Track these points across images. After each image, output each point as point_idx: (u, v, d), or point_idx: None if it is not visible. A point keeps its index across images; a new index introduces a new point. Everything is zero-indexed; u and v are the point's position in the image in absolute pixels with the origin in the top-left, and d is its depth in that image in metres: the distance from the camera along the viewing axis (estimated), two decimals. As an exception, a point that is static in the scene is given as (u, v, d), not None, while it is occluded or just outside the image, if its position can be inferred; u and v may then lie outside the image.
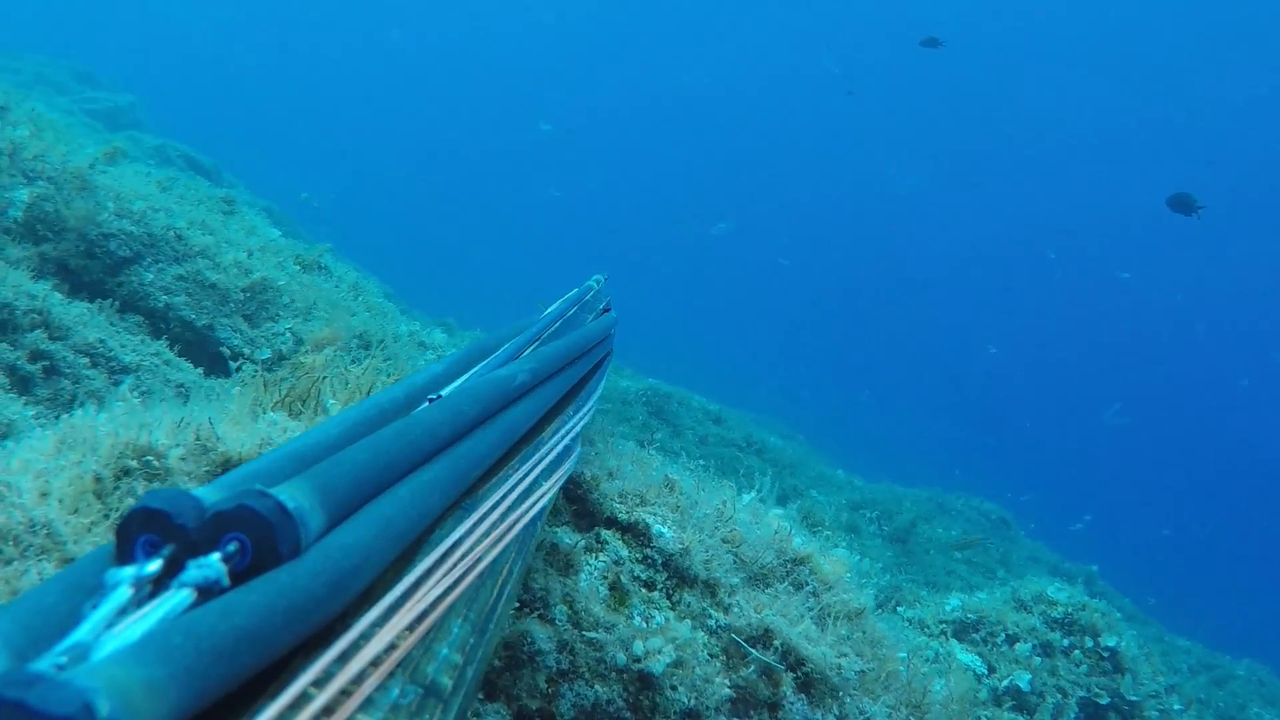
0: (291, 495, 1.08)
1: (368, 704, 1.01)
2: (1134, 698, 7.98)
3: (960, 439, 51.06)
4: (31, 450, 2.05)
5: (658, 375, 16.18)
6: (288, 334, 6.77)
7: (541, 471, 1.96)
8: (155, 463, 2.09)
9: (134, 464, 2.07)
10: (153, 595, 0.95)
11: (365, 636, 1.08)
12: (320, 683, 0.97)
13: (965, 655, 7.65)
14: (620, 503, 2.90)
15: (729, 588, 2.89)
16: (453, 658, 1.22)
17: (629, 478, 3.00)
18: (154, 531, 1.00)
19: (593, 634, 2.51)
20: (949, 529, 14.42)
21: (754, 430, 15.16)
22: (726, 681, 2.67)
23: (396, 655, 1.09)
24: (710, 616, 2.80)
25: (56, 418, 4.99)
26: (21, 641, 0.86)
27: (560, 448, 2.18)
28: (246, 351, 6.38)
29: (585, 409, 2.67)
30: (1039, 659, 7.90)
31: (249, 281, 6.77)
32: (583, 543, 2.74)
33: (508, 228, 70.98)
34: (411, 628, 1.16)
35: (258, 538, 1.02)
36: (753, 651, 2.76)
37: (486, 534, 1.50)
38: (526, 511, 1.71)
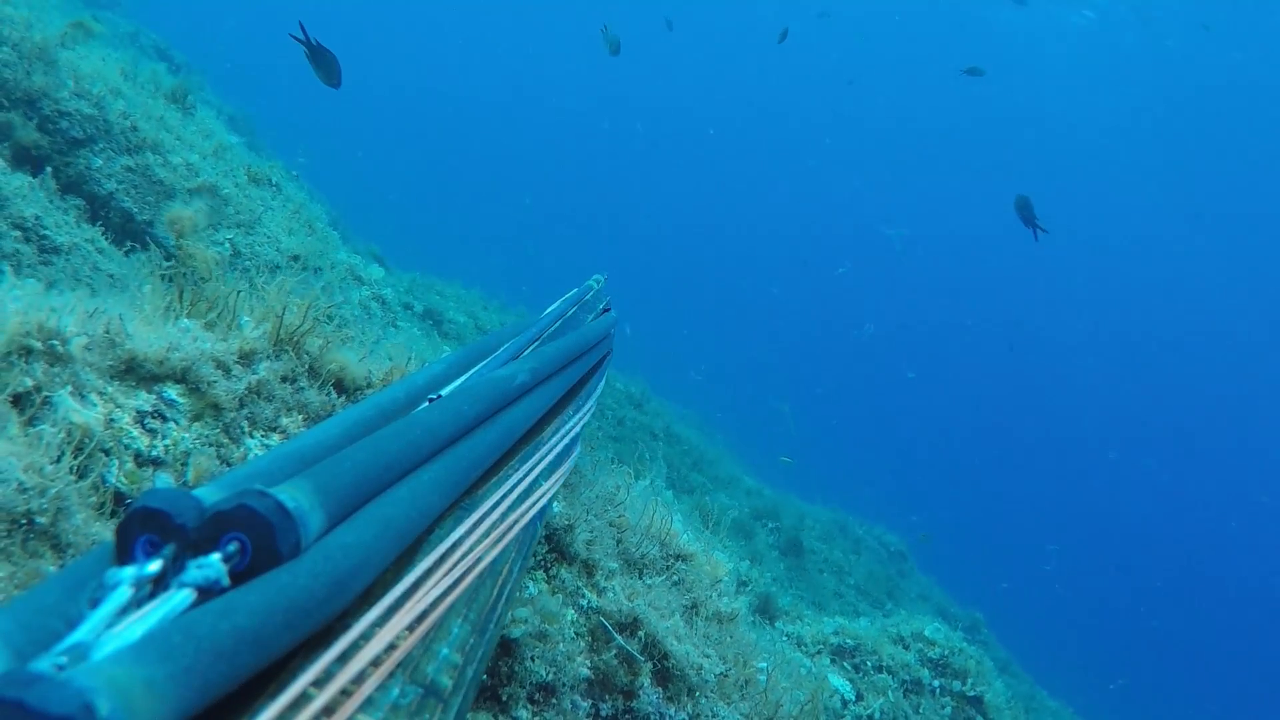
0: (291, 495, 1.07)
1: (368, 704, 1.01)
2: (991, 746, 8.12)
3: (873, 460, 51.52)
4: None
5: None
6: (226, 244, 6.74)
7: (541, 471, 1.96)
8: (59, 347, 2.10)
9: (38, 345, 2.07)
10: (153, 595, 0.95)
11: (365, 636, 1.08)
12: (320, 682, 0.97)
13: (836, 679, 7.75)
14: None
15: (607, 571, 2.94)
16: (453, 658, 1.22)
17: None
18: (154, 531, 0.99)
19: None
20: (847, 553, 14.57)
21: (673, 422, 15.27)
22: (587, 662, 2.72)
23: (396, 655, 1.10)
24: (583, 596, 2.85)
25: None
26: (21, 641, 0.86)
27: (560, 447, 2.18)
28: (179, 254, 6.36)
29: (585, 409, 2.67)
30: (907, 695, 8.00)
31: (196, 184, 6.73)
32: None
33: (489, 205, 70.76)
34: (411, 628, 1.16)
35: (258, 538, 1.02)
36: (617, 637, 2.81)
37: (486, 534, 1.50)
38: (526, 511, 1.71)
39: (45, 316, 2.09)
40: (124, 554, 0.99)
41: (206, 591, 0.96)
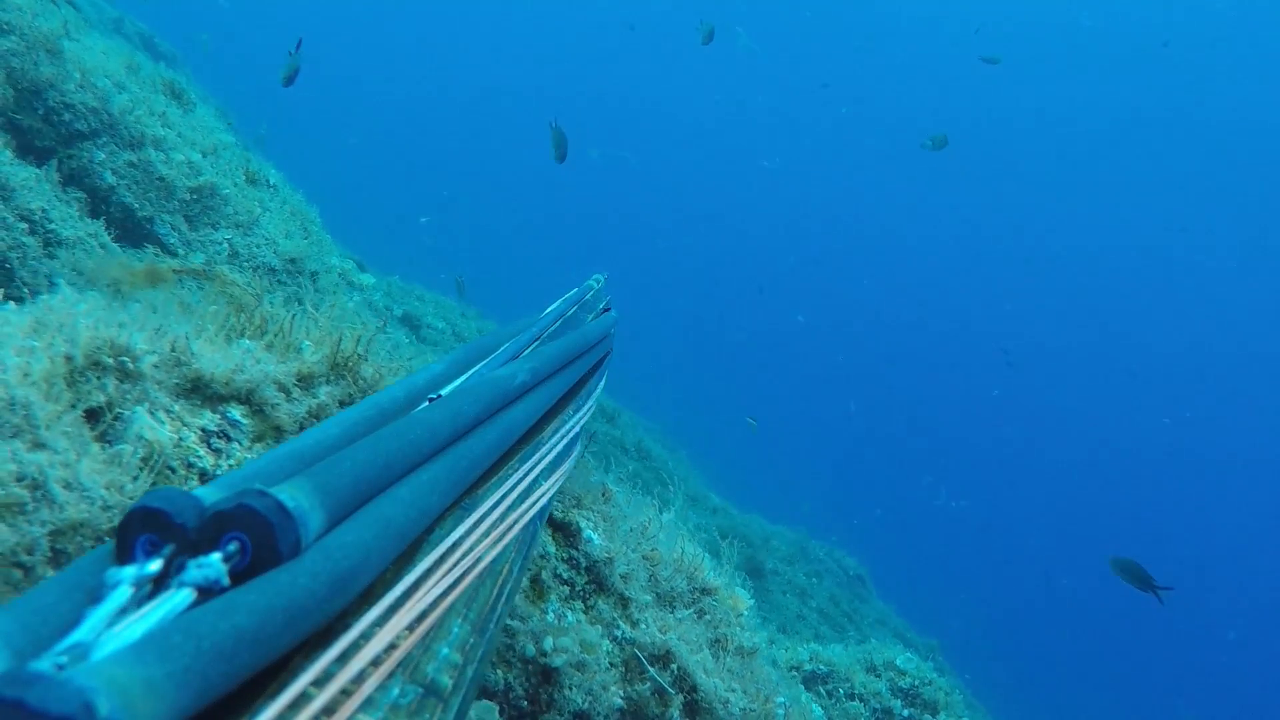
0: (291, 495, 1.08)
1: (368, 704, 1.01)
2: (956, 777, 8.17)
3: (828, 484, 51.56)
4: (7, 324, 2.01)
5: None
6: (225, 244, 6.76)
7: (541, 471, 1.97)
8: (130, 364, 2.08)
9: (109, 360, 2.05)
10: (153, 595, 0.95)
11: (365, 636, 1.08)
12: (320, 682, 0.97)
13: (809, 701, 7.75)
14: (557, 500, 2.93)
15: (640, 604, 2.96)
16: (453, 657, 1.22)
17: (571, 479, 3.00)
18: (154, 531, 1.00)
19: (507, 621, 2.55)
20: (809, 576, 14.61)
21: (644, 437, 15.34)
22: (620, 692, 2.74)
23: (396, 655, 1.10)
24: (618, 627, 2.86)
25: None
26: (21, 641, 0.86)
27: (560, 447, 2.19)
28: (181, 252, 6.36)
29: (585, 409, 2.68)
30: None
31: (196, 183, 6.75)
32: None
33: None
34: (411, 627, 1.16)
35: (258, 537, 1.02)
36: (651, 670, 2.83)
37: (486, 534, 1.51)
38: (526, 511, 1.71)
39: (116, 332, 2.08)
40: (124, 553, 1.00)
41: (206, 591, 0.96)
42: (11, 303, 2.08)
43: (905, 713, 8.23)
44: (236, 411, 2.32)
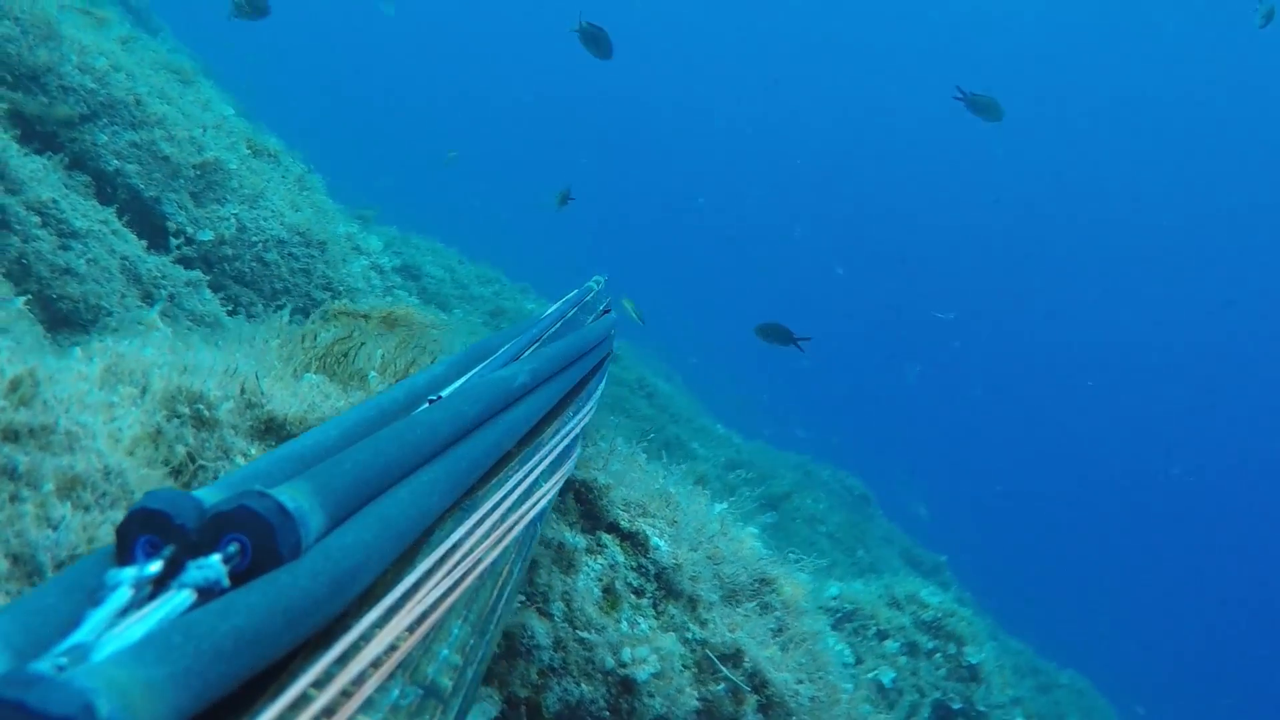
0: (291, 496, 1.08)
1: (368, 705, 1.01)
2: (983, 707, 8.28)
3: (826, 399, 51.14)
4: (79, 378, 1.95)
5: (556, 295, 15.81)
6: (232, 219, 6.71)
7: (542, 472, 1.98)
8: (205, 412, 2.07)
9: (185, 410, 2.04)
10: (153, 596, 0.96)
11: (365, 637, 1.09)
12: (320, 683, 0.98)
13: (836, 644, 7.75)
14: (624, 511, 2.98)
15: (708, 604, 2.97)
16: (452, 659, 1.24)
17: (634, 486, 3.07)
18: (154, 532, 1.01)
19: (585, 634, 2.60)
20: (817, 501, 14.60)
21: (647, 373, 15.30)
22: (695, 694, 2.77)
23: (396, 656, 1.10)
24: (689, 629, 2.89)
25: (3, 274, 4.90)
26: (21, 642, 0.87)
27: (560, 449, 2.20)
28: (190, 230, 6.34)
29: (585, 410, 2.68)
30: (904, 658, 8.07)
31: (201, 159, 6.70)
32: (585, 544, 2.82)
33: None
34: (411, 629, 1.17)
35: (258, 539, 1.03)
36: (724, 669, 2.86)
37: (486, 535, 1.52)
38: (526, 512, 1.72)
39: (189, 379, 2.06)
40: (124, 555, 1.01)
41: (206, 592, 0.96)
42: (78, 349, 2.06)
43: (930, 645, 8.26)
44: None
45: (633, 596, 2.84)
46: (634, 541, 2.94)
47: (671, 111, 73.84)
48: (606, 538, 2.90)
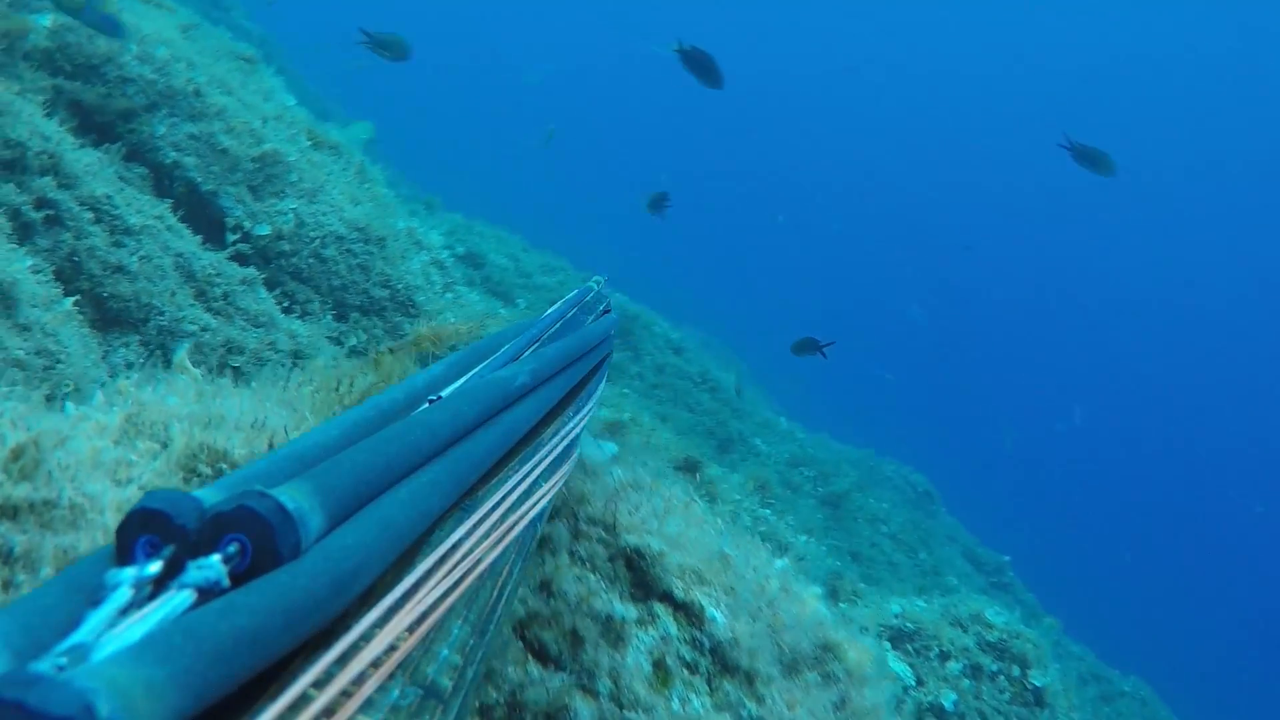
0: (291, 496, 1.09)
1: (368, 705, 1.01)
2: (1047, 732, 8.07)
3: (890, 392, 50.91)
4: (97, 431, 1.92)
5: (626, 288, 16.08)
6: (291, 214, 6.67)
7: (542, 473, 1.97)
8: (227, 470, 1.99)
9: (206, 470, 1.99)
10: (153, 596, 0.96)
11: (365, 638, 1.09)
12: (320, 684, 0.98)
13: (897, 664, 7.70)
14: (679, 579, 2.81)
15: (766, 678, 2.81)
16: (453, 659, 1.23)
17: (690, 549, 2.91)
18: (154, 532, 1.01)
19: (632, 714, 2.46)
20: (880, 499, 14.54)
21: (711, 366, 15.19)
22: None
23: (396, 656, 1.10)
24: (745, 707, 2.72)
25: (54, 273, 4.90)
26: (21, 642, 0.87)
27: (560, 449, 2.19)
28: (247, 225, 6.28)
29: (585, 410, 2.68)
30: (967, 680, 7.97)
31: (260, 151, 6.65)
32: (636, 615, 2.67)
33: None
34: (411, 629, 1.17)
35: (258, 539, 1.03)
36: None
37: (486, 535, 1.52)
38: (526, 513, 1.72)
39: (212, 435, 2.01)
40: (124, 555, 1.01)
41: (206, 592, 0.97)
42: (100, 392, 2.02)
43: (994, 667, 8.13)
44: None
45: (685, 672, 2.67)
46: (689, 613, 2.77)
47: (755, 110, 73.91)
48: (659, 608, 2.73)
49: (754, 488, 8.67)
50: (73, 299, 4.67)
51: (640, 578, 2.79)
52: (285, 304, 6.45)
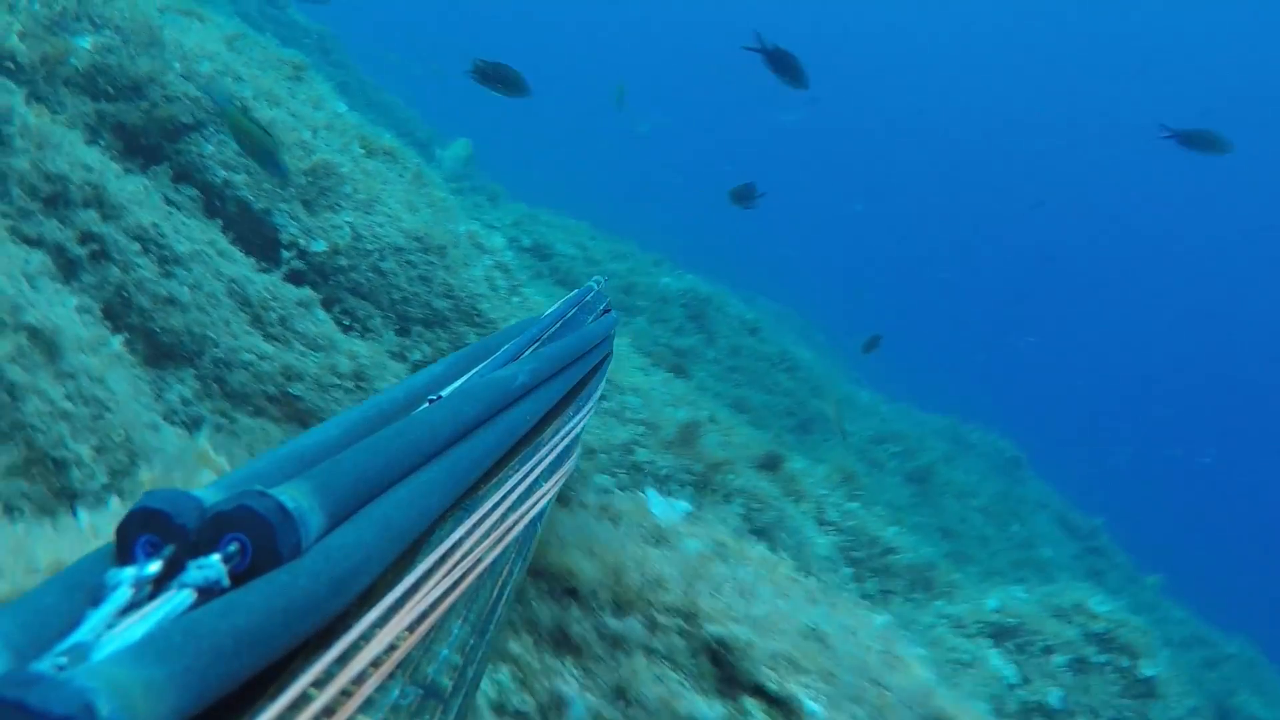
0: (292, 496, 1.09)
1: (368, 704, 1.02)
2: (1160, 722, 7.88)
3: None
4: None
5: (697, 269, 15.83)
6: (347, 228, 6.55)
7: (542, 472, 1.98)
8: None
9: None
10: (153, 596, 0.96)
11: (365, 637, 1.09)
12: (320, 683, 0.98)
13: (999, 662, 7.56)
14: (771, 669, 2.51)
15: None
16: (453, 658, 1.24)
17: (781, 630, 2.61)
18: (154, 532, 1.01)
19: None
20: (969, 472, 14.41)
21: (788, 344, 15.04)
22: None
23: (396, 656, 1.11)
24: None
25: (102, 310, 4.79)
26: (21, 641, 0.88)
27: (560, 449, 2.20)
28: (302, 242, 6.13)
29: (585, 409, 2.69)
30: (1073, 674, 7.78)
31: (311, 163, 6.53)
32: (723, 714, 2.40)
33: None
34: (411, 628, 1.18)
35: (258, 538, 1.03)
36: None
37: (487, 534, 1.52)
38: (527, 512, 1.73)
39: None
40: (124, 554, 1.01)
41: (207, 592, 0.97)
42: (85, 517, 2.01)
43: (1101, 659, 7.90)
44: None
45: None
46: (784, 708, 2.45)
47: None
48: (750, 703, 2.42)
49: (840, 479, 8.59)
50: (122, 337, 4.47)
51: (727, 671, 2.51)
52: (345, 322, 6.29)
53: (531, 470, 1.92)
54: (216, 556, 1.00)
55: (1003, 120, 73.24)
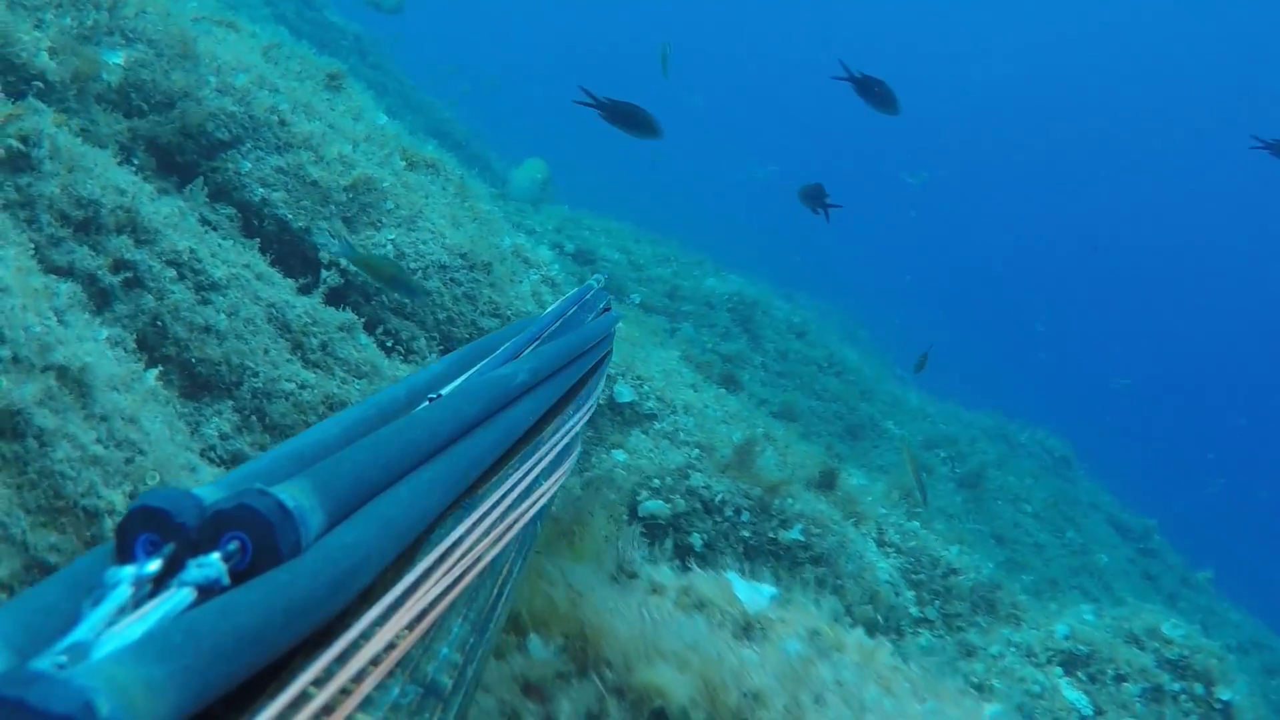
0: (292, 494, 1.09)
1: (367, 703, 1.02)
2: (1239, 753, 7.70)
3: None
4: None
5: (742, 270, 15.89)
6: (389, 245, 6.43)
7: (542, 471, 1.98)
8: None
9: None
10: (153, 594, 0.96)
11: (365, 635, 1.09)
12: (320, 681, 0.98)
13: (1071, 693, 7.45)
14: None
15: None
16: (452, 657, 1.24)
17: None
18: (154, 530, 1.01)
19: None
20: (1020, 474, 14.29)
21: (834, 345, 14.99)
22: None
23: (396, 654, 1.11)
24: None
25: (136, 341, 4.63)
26: (22, 640, 0.88)
27: (560, 447, 2.20)
28: (342, 262, 6.02)
29: (585, 408, 2.69)
30: (1146, 705, 7.58)
31: (351, 179, 6.35)
32: None
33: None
34: (411, 627, 1.18)
35: (258, 537, 1.03)
36: None
37: (486, 533, 1.52)
38: (526, 511, 1.72)
39: None
40: (124, 553, 1.01)
41: (207, 591, 0.97)
42: None
43: (1176, 687, 7.59)
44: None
45: None
46: None
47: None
48: None
49: (898, 498, 8.50)
50: (156, 370, 4.28)
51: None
52: (389, 343, 6.08)
53: (532, 469, 1.92)
54: (216, 555, 1.00)
55: (1067, 120, 72.56)
